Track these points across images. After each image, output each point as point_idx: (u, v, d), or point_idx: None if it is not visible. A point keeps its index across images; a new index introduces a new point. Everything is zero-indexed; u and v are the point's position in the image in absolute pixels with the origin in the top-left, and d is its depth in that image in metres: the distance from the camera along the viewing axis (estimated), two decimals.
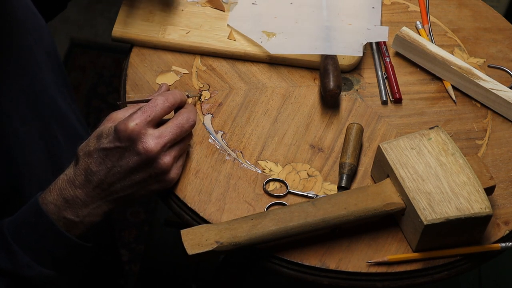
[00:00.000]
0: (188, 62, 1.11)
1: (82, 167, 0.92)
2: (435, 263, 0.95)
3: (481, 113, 1.09)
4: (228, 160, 1.01)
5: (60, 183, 0.93)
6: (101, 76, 2.30)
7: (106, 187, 0.91)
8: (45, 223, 0.91)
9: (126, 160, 0.90)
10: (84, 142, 0.93)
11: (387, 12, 1.19)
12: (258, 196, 0.98)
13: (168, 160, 0.92)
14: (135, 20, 1.13)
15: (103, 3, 2.45)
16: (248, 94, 1.08)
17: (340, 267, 0.93)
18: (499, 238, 0.97)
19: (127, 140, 0.90)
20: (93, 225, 0.93)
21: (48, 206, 0.92)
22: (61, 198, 0.91)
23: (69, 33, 2.37)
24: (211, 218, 0.96)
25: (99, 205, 0.92)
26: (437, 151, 0.96)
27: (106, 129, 0.92)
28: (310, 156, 1.03)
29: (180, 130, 0.93)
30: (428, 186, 0.93)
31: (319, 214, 0.93)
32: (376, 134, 1.05)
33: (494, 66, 1.14)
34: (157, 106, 0.92)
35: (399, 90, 1.09)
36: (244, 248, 0.92)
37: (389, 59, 1.12)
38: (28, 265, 0.91)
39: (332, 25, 1.13)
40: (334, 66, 1.07)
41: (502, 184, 1.01)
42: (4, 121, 0.97)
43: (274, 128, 1.05)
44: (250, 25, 1.13)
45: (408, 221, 0.93)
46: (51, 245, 0.92)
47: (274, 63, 1.12)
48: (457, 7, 1.21)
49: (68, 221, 0.92)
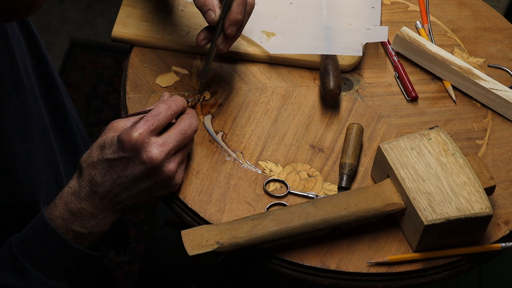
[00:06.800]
0: (188, 62, 1.11)
1: (87, 179, 0.91)
2: (435, 263, 0.95)
3: (481, 113, 1.09)
4: (228, 161, 1.01)
5: (65, 196, 0.92)
6: (101, 76, 2.30)
7: (112, 197, 0.91)
8: (54, 238, 0.91)
9: (131, 170, 0.90)
10: (86, 152, 0.93)
11: (387, 12, 1.19)
12: (259, 197, 0.98)
13: (172, 167, 0.92)
14: (135, 20, 1.13)
15: (103, 3, 2.45)
16: (248, 94, 1.08)
17: (341, 267, 0.93)
18: (499, 238, 0.97)
19: (131, 150, 0.90)
20: (102, 235, 0.94)
21: (55, 221, 0.92)
22: (68, 212, 0.91)
23: (69, 33, 2.37)
24: (212, 218, 0.96)
25: (107, 215, 0.92)
26: (437, 151, 0.96)
27: (108, 139, 0.91)
28: (310, 156, 1.03)
29: (183, 137, 0.93)
30: (428, 186, 0.93)
31: (319, 214, 0.93)
32: (376, 134, 1.05)
33: (494, 66, 1.14)
34: (160, 114, 0.92)
35: (414, 88, 1.09)
36: (245, 249, 0.92)
37: (397, 58, 1.12)
38: (41, 281, 0.92)
39: (332, 25, 1.13)
40: (334, 66, 1.07)
41: (502, 184, 1.01)
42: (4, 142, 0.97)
43: (274, 128, 1.05)
44: (250, 25, 1.13)
45: (409, 222, 0.93)
46: (62, 259, 0.92)
47: (274, 63, 1.12)
48: (457, 6, 1.21)
49: (76, 233, 0.92)
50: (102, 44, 2.35)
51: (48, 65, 1.13)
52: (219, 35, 0.99)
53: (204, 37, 1.00)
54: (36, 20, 2.32)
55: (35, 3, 0.85)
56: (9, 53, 0.98)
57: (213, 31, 0.99)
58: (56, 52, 2.31)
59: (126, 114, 1.05)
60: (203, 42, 1.00)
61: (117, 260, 1.93)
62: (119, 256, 1.93)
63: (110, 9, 2.43)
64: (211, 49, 1.01)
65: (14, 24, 1.03)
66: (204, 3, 0.97)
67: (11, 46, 0.99)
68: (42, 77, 1.11)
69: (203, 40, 1.00)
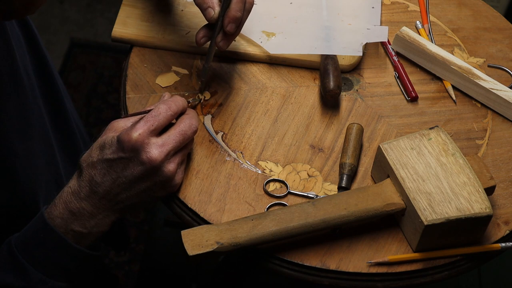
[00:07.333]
0: (188, 62, 1.11)
1: (87, 179, 0.91)
2: (435, 263, 0.95)
3: (481, 113, 1.09)
4: (228, 161, 1.01)
5: (65, 196, 0.92)
6: (101, 76, 2.30)
7: (112, 197, 0.91)
8: (53, 238, 0.91)
9: (131, 170, 0.90)
10: (86, 152, 0.93)
11: (387, 12, 1.19)
12: (259, 197, 0.98)
13: (172, 168, 0.92)
14: (135, 20, 1.13)
15: (103, 3, 2.45)
16: (248, 94, 1.08)
17: (341, 267, 0.93)
18: (499, 238, 0.97)
19: (130, 151, 0.90)
20: (101, 235, 0.94)
21: (55, 221, 0.92)
22: (67, 211, 0.91)
23: (69, 33, 2.37)
24: (212, 218, 0.96)
25: (106, 215, 0.92)
26: (437, 151, 0.96)
27: (108, 139, 0.91)
28: (310, 156, 1.03)
29: (183, 138, 0.93)
30: (428, 186, 0.93)
31: (319, 214, 0.93)
32: (376, 134, 1.05)
33: (494, 66, 1.14)
34: (159, 115, 0.92)
35: (414, 88, 1.09)
36: (245, 249, 0.92)
37: (397, 58, 1.12)
38: (41, 280, 0.92)
39: (332, 25, 1.13)
40: (334, 66, 1.07)
41: (502, 184, 1.01)
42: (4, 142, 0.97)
43: (274, 128, 1.05)
44: (250, 25, 1.12)
45: (409, 222, 0.93)
46: (62, 259, 0.92)
47: (274, 63, 1.12)
48: (457, 6, 1.21)
49: (76, 233, 0.92)
50: (102, 44, 2.35)
51: (48, 65, 1.13)
52: (219, 33, 0.99)
53: (203, 35, 1.00)
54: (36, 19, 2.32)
55: (34, 2, 0.84)
56: (9, 53, 0.98)
57: (213, 29, 0.99)
58: (56, 52, 2.31)
59: (126, 114, 1.05)
60: (202, 40, 1.00)
61: (117, 260, 1.93)
62: (119, 256, 1.93)
63: (110, 9, 2.43)
64: (210, 47, 1.01)
65: (14, 24, 1.03)
66: (204, 1, 0.97)
67: (11, 46, 0.99)
68: (42, 77, 1.11)
69: (202, 38, 1.00)
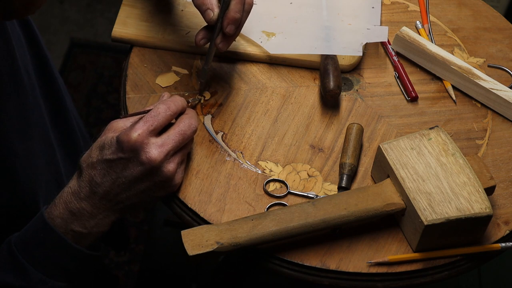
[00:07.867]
0: (188, 62, 1.11)
1: (86, 179, 0.91)
2: (435, 263, 0.95)
3: (481, 113, 1.09)
4: (228, 161, 1.01)
5: (65, 196, 0.92)
6: (101, 76, 2.30)
7: (111, 197, 0.91)
8: (53, 238, 0.92)
9: (130, 170, 0.90)
10: (86, 152, 0.93)
11: (387, 12, 1.19)
12: (259, 197, 0.98)
13: (172, 168, 0.92)
14: (135, 20, 1.13)
15: (103, 3, 2.45)
16: (248, 94, 1.08)
17: (341, 267, 0.93)
18: (499, 238, 0.97)
19: (130, 151, 0.90)
20: (101, 235, 0.94)
21: (55, 221, 0.92)
22: (67, 211, 0.92)
23: (69, 33, 2.37)
24: (212, 218, 0.96)
25: (106, 215, 0.92)
26: (437, 151, 0.96)
27: (108, 139, 0.91)
28: (310, 157, 1.03)
29: (182, 137, 0.93)
30: (428, 186, 0.93)
31: (319, 214, 0.93)
32: (376, 134, 1.05)
33: (494, 66, 1.14)
34: (159, 115, 0.92)
35: (414, 88, 1.09)
36: (245, 249, 0.92)
37: (397, 58, 1.12)
38: (41, 280, 0.92)
39: (332, 25, 1.13)
40: (334, 66, 1.07)
41: (502, 184, 1.01)
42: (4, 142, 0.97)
43: (274, 128, 1.05)
44: (250, 25, 1.12)
45: (409, 222, 0.93)
46: (62, 259, 0.92)
47: (274, 63, 1.12)
48: (457, 6, 1.21)
49: (76, 233, 0.92)
50: (102, 44, 2.35)
51: (48, 64, 1.13)
52: (218, 34, 0.98)
53: (203, 36, 1.00)
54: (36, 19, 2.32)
55: (34, 2, 0.84)
56: (9, 53, 0.98)
57: (212, 30, 0.99)
58: (56, 52, 2.31)
59: (125, 114, 1.05)
60: (202, 41, 1.00)
61: (117, 260, 1.93)
62: (119, 256, 1.93)
63: (110, 9, 2.43)
64: (210, 48, 1.01)
65: (15, 23, 1.03)
66: (203, 2, 0.97)
67: (11, 46, 0.99)
68: (42, 77, 1.11)
69: (202, 39, 1.00)
